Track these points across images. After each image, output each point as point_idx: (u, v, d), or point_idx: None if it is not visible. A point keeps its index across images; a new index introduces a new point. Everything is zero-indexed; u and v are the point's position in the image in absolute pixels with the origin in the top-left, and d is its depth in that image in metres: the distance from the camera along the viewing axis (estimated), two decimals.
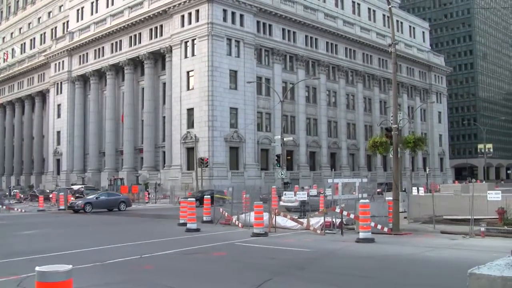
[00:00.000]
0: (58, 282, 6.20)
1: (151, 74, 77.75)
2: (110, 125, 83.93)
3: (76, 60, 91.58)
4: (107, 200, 46.88)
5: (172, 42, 71.95)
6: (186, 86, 69.97)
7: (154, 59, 77.66)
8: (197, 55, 68.52)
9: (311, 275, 14.02)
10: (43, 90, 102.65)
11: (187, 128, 69.14)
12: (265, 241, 21.65)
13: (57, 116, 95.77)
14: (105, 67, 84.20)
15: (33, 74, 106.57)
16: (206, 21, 67.46)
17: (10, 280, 13.50)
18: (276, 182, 61.10)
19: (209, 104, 66.72)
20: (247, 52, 71.49)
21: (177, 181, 68.05)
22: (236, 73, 70.05)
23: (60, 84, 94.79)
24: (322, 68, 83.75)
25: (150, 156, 76.85)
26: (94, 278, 13.45)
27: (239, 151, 70.30)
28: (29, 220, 37.49)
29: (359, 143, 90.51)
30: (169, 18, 72.84)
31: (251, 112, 71.54)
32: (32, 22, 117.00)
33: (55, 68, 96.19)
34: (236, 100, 69.66)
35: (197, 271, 14.93)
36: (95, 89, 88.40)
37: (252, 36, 72.19)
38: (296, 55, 79.64)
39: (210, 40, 67.24)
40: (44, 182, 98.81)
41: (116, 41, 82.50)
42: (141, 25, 77.47)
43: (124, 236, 24.80)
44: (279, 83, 75.82)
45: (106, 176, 79.99)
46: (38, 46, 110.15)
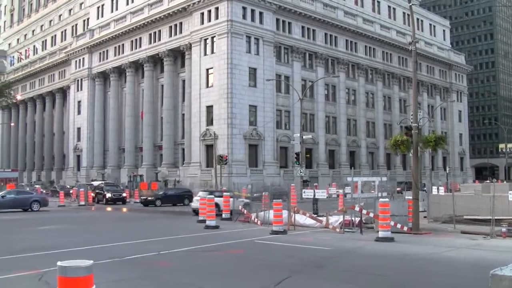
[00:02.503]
0: (79, 277, 6.29)
1: (170, 71, 77.96)
2: (130, 122, 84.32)
3: (96, 57, 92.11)
4: (15, 199, 42.81)
5: (192, 39, 72.09)
6: (206, 84, 70.07)
7: (173, 57, 77.85)
8: (217, 52, 68.59)
9: (330, 274, 14.03)
10: (64, 86, 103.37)
11: (206, 125, 69.23)
12: (284, 239, 21.66)
13: (77, 113, 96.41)
14: (125, 64, 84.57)
15: (54, 71, 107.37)
16: (225, 19, 67.50)
17: (31, 274, 13.68)
18: (295, 180, 60.97)
19: (228, 101, 66.77)
20: (267, 49, 71.44)
21: (196, 178, 68.22)
22: (255, 71, 70.03)
23: (81, 81, 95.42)
24: (342, 66, 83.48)
25: (169, 153, 77.07)
26: (112, 274, 13.56)
27: (258, 149, 70.28)
28: (49, 215, 37.83)
29: (378, 141, 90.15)
30: (189, 16, 72.98)
31: (270, 109, 71.49)
32: (53, 20, 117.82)
33: (76, 65, 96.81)
34: (255, 97, 69.65)
35: (215, 268, 14.99)
36: (115, 86, 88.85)
37: (272, 34, 72.11)
38: (316, 53, 79.45)
39: (230, 37, 67.28)
40: (64, 178, 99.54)
41: (136, 38, 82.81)
42: (160, 22, 77.70)
43: (143, 232, 24.94)
44: (298, 81, 75.70)
45: (125, 173, 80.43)
46: (59, 43, 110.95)
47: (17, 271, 14.06)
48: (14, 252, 17.77)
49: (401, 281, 13.29)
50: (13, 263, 15.65)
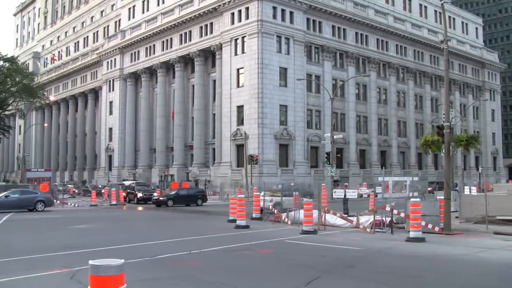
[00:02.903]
0: (110, 275, 6.36)
1: (201, 71, 78.29)
2: (161, 122, 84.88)
3: (127, 58, 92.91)
4: (19, 199, 41.65)
5: (222, 39, 72.29)
6: (236, 84, 70.22)
7: (204, 57, 78.15)
8: (247, 52, 68.70)
9: (360, 274, 13.96)
10: (96, 87, 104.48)
11: (237, 125, 69.38)
12: (314, 238, 21.60)
13: (109, 113, 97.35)
14: (156, 64, 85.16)
15: (86, 72, 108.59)
16: (256, 19, 67.59)
17: (63, 273, 13.84)
18: (325, 180, 60.84)
19: (259, 101, 66.83)
20: (297, 49, 71.33)
21: (226, 178, 68.40)
22: (286, 71, 69.99)
23: (112, 81, 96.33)
24: (373, 65, 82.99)
25: (200, 153, 77.37)
26: (143, 273, 13.65)
27: (288, 149, 70.22)
28: (81, 215, 38.26)
29: (409, 141, 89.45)
30: (219, 16, 73.21)
31: (301, 109, 71.37)
32: (85, 21, 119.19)
33: (107, 66, 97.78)
34: (285, 97, 69.60)
35: (245, 268, 15.02)
36: (146, 86, 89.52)
37: (302, 33, 72.00)
38: (346, 52, 79.13)
39: (260, 37, 67.34)
40: (96, 177, 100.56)
41: (167, 39, 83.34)
42: (191, 23, 78.08)
43: (174, 232, 25.07)
44: (329, 81, 75.47)
45: (156, 173, 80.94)
46: (91, 45, 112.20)
47: (50, 269, 14.26)
48: (47, 250, 18.00)
49: (432, 282, 13.18)
50: (46, 262, 15.85)
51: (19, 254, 17.22)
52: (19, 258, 16.52)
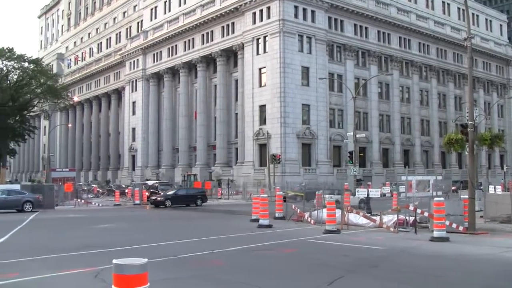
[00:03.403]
0: (134, 274, 6.41)
1: (223, 71, 78.46)
2: (184, 121, 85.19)
3: (150, 58, 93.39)
4: (5, 200, 39.93)
5: (244, 39, 72.39)
6: (258, 83, 70.27)
7: (226, 56, 78.31)
8: (269, 52, 68.71)
9: (384, 274, 13.91)
10: (119, 87, 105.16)
11: (259, 124, 69.43)
12: (337, 238, 21.56)
13: (132, 113, 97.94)
14: (178, 64, 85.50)
15: (109, 72, 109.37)
16: (277, 18, 67.56)
17: (87, 272, 13.97)
18: (348, 179, 60.62)
19: (281, 100, 66.80)
20: (319, 48, 71.19)
21: (249, 177, 68.47)
22: (308, 70, 69.88)
23: (135, 81, 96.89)
24: (395, 63, 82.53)
25: (222, 152, 77.54)
26: (165, 272, 13.73)
27: (311, 148, 70.13)
28: (105, 214, 38.55)
29: (433, 139, 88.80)
30: (241, 16, 73.32)
31: (323, 108, 71.23)
32: (108, 22, 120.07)
33: (130, 66, 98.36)
34: (308, 96, 69.50)
35: (267, 267, 15.03)
36: (168, 86, 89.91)
37: (324, 32, 71.83)
38: (369, 51, 78.79)
39: (282, 36, 67.31)
40: (120, 177, 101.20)
41: (189, 39, 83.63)
42: (213, 23, 78.28)
43: (198, 231, 25.18)
44: (351, 79, 75.19)
45: (179, 172, 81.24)
46: (114, 45, 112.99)
47: (74, 268, 14.41)
48: (72, 249, 18.18)
49: (457, 282, 13.09)
50: (71, 260, 16.02)
51: (44, 253, 17.42)
52: (45, 257, 16.72)
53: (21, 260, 16.16)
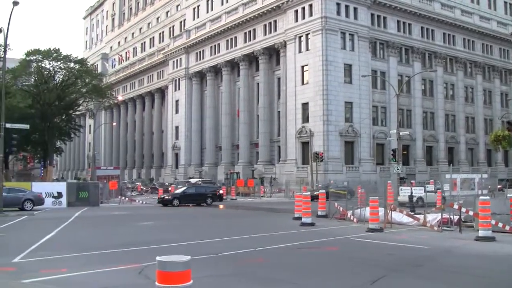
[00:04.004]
0: (177, 272, 6.49)
1: (265, 69, 78.55)
2: (226, 120, 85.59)
3: (193, 57, 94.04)
4: (5, 198, 37.40)
5: (286, 37, 72.34)
6: (301, 81, 70.15)
7: (268, 55, 78.39)
8: (311, 49, 68.52)
9: (427, 273, 13.77)
10: (162, 86, 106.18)
11: (302, 122, 69.32)
12: (380, 236, 21.41)
13: (175, 112, 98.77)
14: (221, 63, 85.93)
15: (153, 71, 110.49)
16: (319, 15, 67.34)
17: (132, 268, 14.18)
18: (391, 177, 60.12)
19: (324, 98, 66.59)
20: (362, 45, 70.71)
21: (292, 175, 68.43)
22: (350, 67, 69.48)
23: (178, 80, 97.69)
24: (439, 60, 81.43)
25: (265, 150, 77.67)
26: (207, 270, 13.80)
27: (354, 146, 69.73)
28: (149, 212, 38.99)
29: (478, 137, 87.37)
30: (283, 14, 73.29)
31: (366, 106, 70.76)
32: (151, 22, 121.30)
33: (173, 65, 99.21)
34: (350, 94, 69.11)
35: (310, 265, 15.00)
36: (211, 85, 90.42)
37: (366, 29, 71.31)
38: (412, 48, 77.93)
39: (324, 34, 67.06)
40: (163, 175, 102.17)
41: (231, 38, 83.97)
42: (255, 21, 78.44)
43: (240, 229, 25.26)
44: (395, 76, 74.51)
45: (222, 170, 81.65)
46: (157, 45, 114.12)
47: (119, 265, 14.64)
48: (116, 246, 18.46)
49: (503, 283, 12.90)
50: (115, 257, 16.29)
51: (90, 250, 17.74)
52: (90, 253, 17.02)
53: (69, 256, 16.51)
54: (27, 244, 18.66)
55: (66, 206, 43.03)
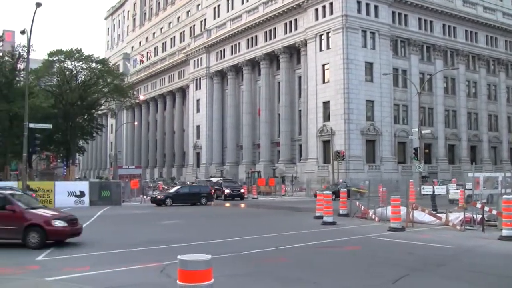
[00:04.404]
0: (199, 270, 6.55)
1: (286, 68, 78.49)
2: (247, 119, 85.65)
3: (213, 57, 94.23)
4: None
5: (307, 35, 72.19)
6: (322, 79, 69.97)
7: (289, 53, 78.31)
8: (332, 48, 68.31)
9: (450, 273, 13.68)
10: (183, 86, 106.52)
11: (323, 121, 69.15)
12: (402, 235, 21.34)
13: (196, 111, 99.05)
14: (242, 62, 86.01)
15: (174, 71, 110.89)
16: (340, 14, 67.10)
17: (153, 267, 14.31)
18: (413, 176, 59.76)
19: (345, 97, 66.36)
20: (383, 43, 70.35)
21: (313, 174, 68.30)
22: (371, 65, 69.16)
23: (199, 80, 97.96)
24: (461, 57, 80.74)
25: (286, 149, 77.61)
26: (228, 268, 13.87)
27: (375, 144, 69.43)
28: (170, 211, 39.12)
29: (501, 135, 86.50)
30: (303, 12, 73.16)
31: (388, 104, 70.40)
32: (172, 22, 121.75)
33: (194, 64, 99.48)
34: (372, 92, 68.81)
35: (331, 264, 15.00)
36: (232, 84, 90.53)
37: (388, 27, 70.94)
38: (434, 45, 77.36)
39: (345, 32, 66.82)
40: (184, 174, 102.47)
41: (252, 37, 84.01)
42: (275, 20, 78.40)
43: (262, 227, 25.27)
44: (416, 74, 74.04)
45: (243, 169, 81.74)
46: (178, 44, 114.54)
47: (141, 263, 14.77)
48: (138, 245, 18.59)
49: None
50: (137, 255, 16.42)
51: (112, 248, 17.91)
52: (112, 252, 17.19)
53: (91, 254, 16.71)
54: (50, 243, 18.87)
55: (89, 205, 43.35)
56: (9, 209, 18.34)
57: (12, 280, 12.22)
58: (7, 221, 18.10)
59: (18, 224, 18.00)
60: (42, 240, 17.92)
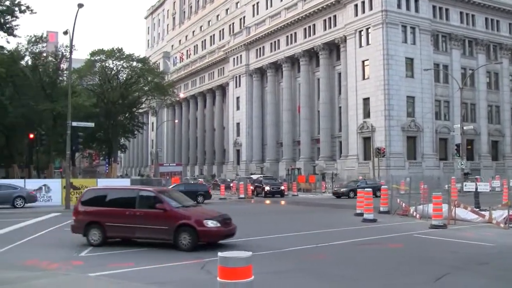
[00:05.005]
0: (239, 267, 6.61)
1: (326, 64, 78.18)
2: (287, 116, 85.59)
3: (253, 54, 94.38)
4: None
5: (346, 32, 71.79)
6: (362, 76, 69.52)
7: (328, 50, 77.97)
8: (372, 44, 67.80)
9: (493, 272, 13.50)
10: (223, 83, 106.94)
11: (363, 118, 68.73)
12: (443, 233, 21.09)
13: (236, 108, 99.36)
14: (281, 59, 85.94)
15: (213, 69, 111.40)
16: (380, 9, 66.54)
17: (194, 263, 14.44)
18: (455, 173, 59.10)
19: (385, 93, 65.82)
20: (423, 38, 69.53)
21: (353, 171, 67.96)
22: (412, 61, 68.42)
23: (239, 77, 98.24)
24: (505, 51, 79.26)
25: (326, 146, 77.36)
26: (269, 265, 13.91)
27: (416, 141, 68.72)
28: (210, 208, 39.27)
29: None
30: (342, 8, 72.77)
31: (429, 100, 69.59)
32: (211, 20, 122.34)
33: (234, 62, 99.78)
34: (412, 88, 68.09)
35: (372, 262, 14.94)
36: (271, 81, 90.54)
37: (428, 22, 70.08)
38: (476, 39, 76.14)
39: (385, 28, 66.26)
40: (225, 171, 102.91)
41: (291, 34, 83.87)
42: (314, 16, 78.14)
43: (301, 225, 25.27)
44: (458, 70, 72.96)
45: (283, 166, 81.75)
46: (217, 42, 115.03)
47: (182, 260, 14.94)
48: None
49: None
50: (178, 253, 16.53)
51: (153, 245, 18.05)
52: (153, 249, 17.36)
53: (134, 251, 16.99)
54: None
55: None
56: (159, 208, 17.39)
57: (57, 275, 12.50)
58: (157, 220, 17.30)
59: (169, 224, 17.07)
60: (193, 241, 16.82)
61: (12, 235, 21.00)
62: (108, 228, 17.81)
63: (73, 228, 18.78)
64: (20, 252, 17.01)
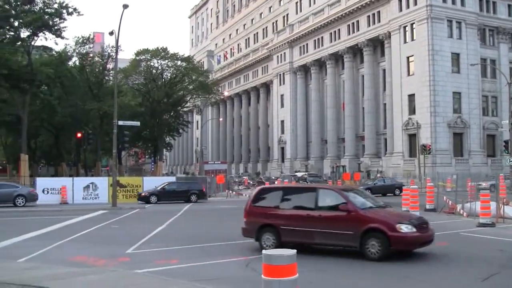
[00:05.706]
0: (283, 265, 6.66)
1: (370, 61, 77.60)
2: (332, 113, 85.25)
3: (296, 51, 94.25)
4: None
5: (390, 27, 71.13)
6: (406, 72, 68.83)
7: (372, 46, 77.36)
8: (417, 39, 67.05)
9: None
10: (267, 81, 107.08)
11: (408, 114, 68.04)
12: (492, 232, 20.70)
13: (280, 106, 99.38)
14: (325, 56, 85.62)
15: (257, 66, 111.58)
16: (424, 4, 65.72)
17: (239, 261, 14.63)
18: (503, 170, 58.01)
19: (431, 89, 65.04)
20: (469, 33, 68.42)
21: (398, 168, 67.35)
22: (458, 56, 67.43)
23: (283, 75, 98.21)
24: None
25: (371, 143, 76.83)
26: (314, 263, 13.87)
27: (463, 137, 67.75)
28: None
29: None
30: (386, 4, 72.11)
31: (475, 96, 68.49)
32: (254, 18, 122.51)
33: (277, 60, 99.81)
34: (458, 84, 67.10)
35: (417, 260, 14.77)
36: (315, 78, 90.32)
37: (474, 16, 68.94)
38: None
39: (430, 23, 65.42)
40: (269, 169, 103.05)
41: (335, 30, 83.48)
42: (358, 12, 77.62)
43: None
44: (506, 64, 71.54)
45: (328, 164, 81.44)
46: (261, 40, 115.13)
47: (227, 257, 15.11)
48: (224, 239, 18.91)
49: None
50: (224, 249, 16.82)
51: (198, 242, 18.32)
52: (199, 246, 17.63)
53: (179, 248, 17.18)
54: (140, 236, 19.53)
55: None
56: (342, 209, 14.96)
57: (104, 271, 12.75)
58: (340, 224, 14.93)
59: (354, 228, 14.60)
60: (384, 249, 14.23)
61: (60, 232, 21.46)
62: (283, 232, 15.69)
63: (244, 232, 17.01)
64: (68, 249, 17.42)
